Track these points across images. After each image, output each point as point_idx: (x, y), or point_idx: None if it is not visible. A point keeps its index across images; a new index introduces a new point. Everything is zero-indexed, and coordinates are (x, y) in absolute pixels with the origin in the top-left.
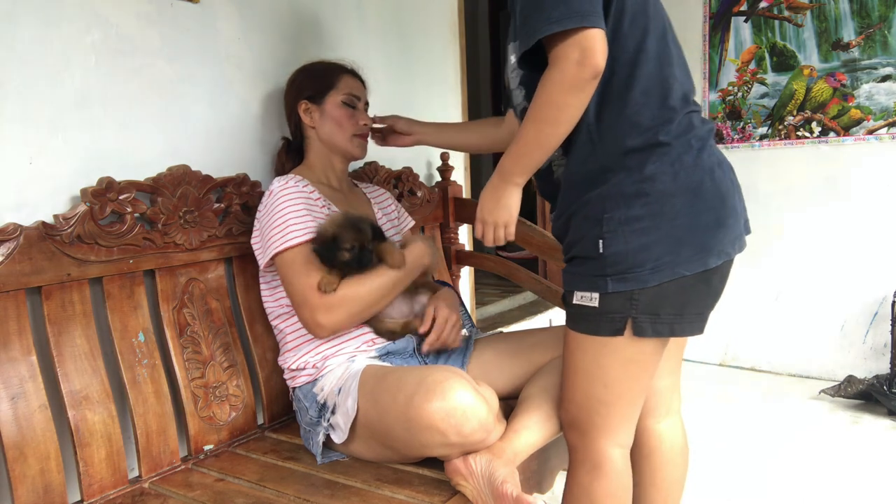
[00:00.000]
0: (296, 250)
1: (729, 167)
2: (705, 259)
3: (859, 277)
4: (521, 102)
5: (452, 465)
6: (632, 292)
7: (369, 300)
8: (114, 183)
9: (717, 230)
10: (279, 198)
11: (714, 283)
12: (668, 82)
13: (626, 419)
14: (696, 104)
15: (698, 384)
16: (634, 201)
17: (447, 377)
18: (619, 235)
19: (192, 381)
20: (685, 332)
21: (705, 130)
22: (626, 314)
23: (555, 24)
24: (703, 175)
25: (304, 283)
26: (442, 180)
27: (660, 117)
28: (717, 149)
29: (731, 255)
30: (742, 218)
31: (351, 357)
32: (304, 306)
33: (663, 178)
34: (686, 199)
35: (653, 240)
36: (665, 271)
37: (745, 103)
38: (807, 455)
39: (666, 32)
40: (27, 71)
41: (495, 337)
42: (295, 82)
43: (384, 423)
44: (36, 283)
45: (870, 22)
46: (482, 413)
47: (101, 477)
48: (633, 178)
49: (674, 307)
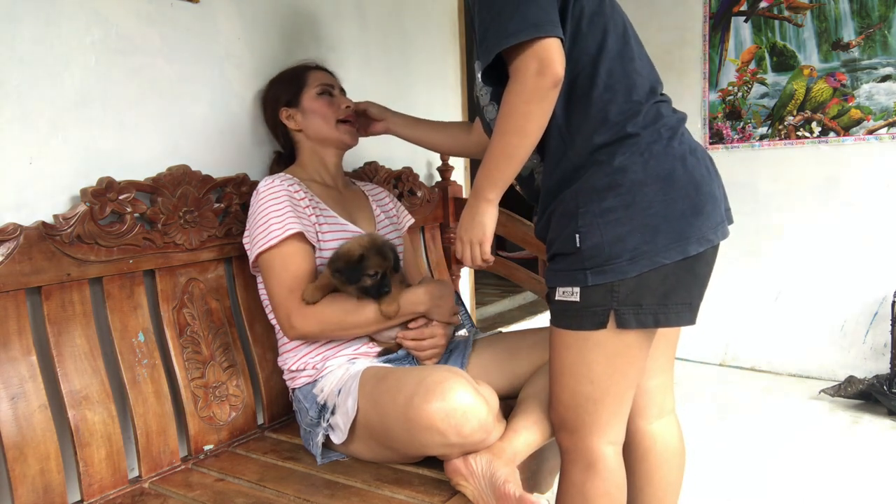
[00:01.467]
0: (275, 250)
1: (704, 154)
2: (684, 247)
3: (859, 277)
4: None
5: (453, 465)
6: (612, 284)
7: (345, 326)
8: (114, 183)
9: (693, 217)
10: (263, 198)
11: (698, 270)
12: (632, 77)
13: (615, 415)
14: (665, 96)
15: (698, 384)
16: (607, 193)
17: (447, 377)
18: (595, 228)
19: (192, 381)
20: (671, 322)
21: (675, 120)
22: (608, 306)
23: (511, 38)
24: (674, 163)
25: (282, 281)
26: (442, 180)
27: (626, 111)
28: (690, 137)
29: (714, 241)
30: (722, 205)
31: (351, 359)
32: (282, 307)
33: (634, 167)
34: (658, 188)
35: (628, 230)
36: (643, 261)
37: (745, 103)
38: (807, 455)
39: (626, 30)
40: (27, 71)
41: (495, 337)
42: (268, 96)
43: (384, 423)
44: (36, 283)
45: (870, 22)
46: (482, 413)
47: (101, 477)
48: (604, 171)
49: (656, 297)
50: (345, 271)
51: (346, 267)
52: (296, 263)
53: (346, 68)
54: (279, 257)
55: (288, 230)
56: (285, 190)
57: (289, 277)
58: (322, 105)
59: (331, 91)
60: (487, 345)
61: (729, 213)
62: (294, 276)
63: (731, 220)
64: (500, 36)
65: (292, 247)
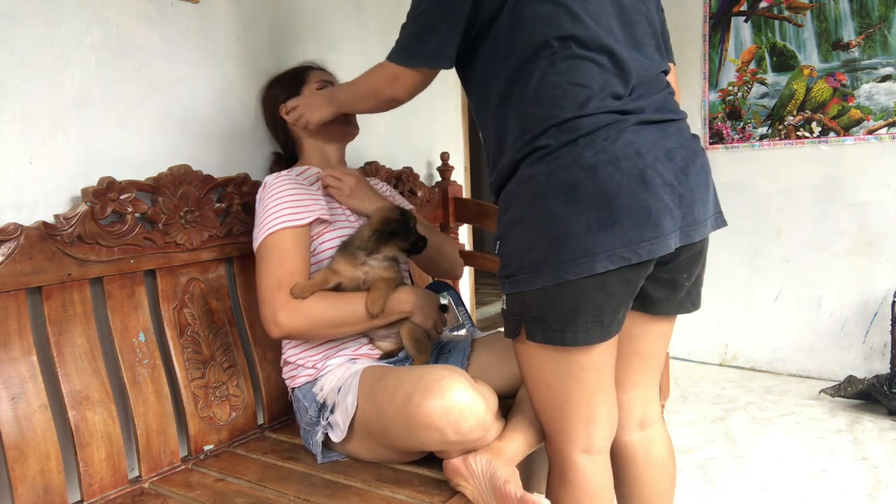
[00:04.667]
0: (275, 239)
1: (640, 163)
2: (591, 264)
3: (859, 277)
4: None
5: (452, 465)
6: (522, 294)
7: (332, 323)
8: (114, 183)
9: (602, 232)
10: (270, 191)
11: (612, 289)
12: (560, 91)
13: (582, 422)
14: (611, 105)
15: (698, 384)
16: (515, 203)
17: (445, 375)
18: (507, 237)
19: (192, 381)
20: (580, 342)
21: (605, 129)
22: (522, 317)
23: (403, 58)
24: (581, 173)
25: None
26: (442, 180)
27: (546, 124)
28: (622, 146)
29: (632, 259)
30: (666, 218)
31: (352, 359)
32: (268, 302)
33: (539, 178)
34: (560, 199)
35: (532, 241)
36: (546, 273)
37: (745, 103)
38: (807, 455)
39: (573, 39)
40: (27, 71)
41: (495, 337)
42: (268, 96)
43: (382, 422)
44: (36, 283)
45: (870, 22)
46: (480, 411)
47: (101, 477)
48: (517, 181)
49: (563, 314)
50: (400, 229)
51: (399, 225)
52: (290, 260)
53: (346, 68)
54: (275, 251)
55: (301, 219)
56: (292, 180)
57: (281, 272)
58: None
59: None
60: (487, 345)
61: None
62: (287, 272)
63: (722, 223)
64: (400, 48)
65: (291, 241)
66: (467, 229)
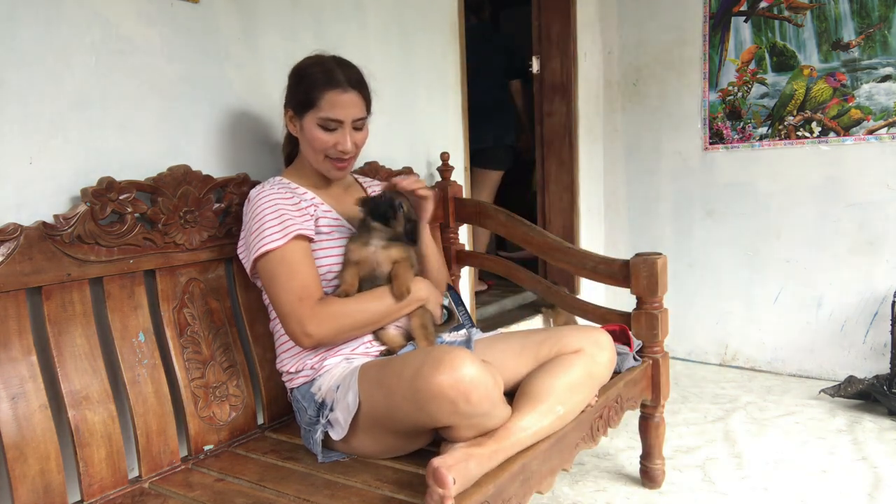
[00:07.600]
0: (275, 255)
1: None
2: None
3: (859, 277)
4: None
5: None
6: None
7: (360, 320)
8: (114, 183)
9: None
10: (256, 205)
11: None
12: None
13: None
14: None
15: (698, 384)
16: None
17: (454, 350)
18: None
19: (192, 381)
20: None
21: None
22: None
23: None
24: None
25: (290, 289)
26: (442, 180)
27: None
28: None
29: None
30: None
31: (348, 358)
32: (292, 317)
33: None
34: None
35: None
36: None
37: (745, 103)
38: (807, 455)
39: None
40: (27, 71)
41: (495, 337)
42: (289, 83)
43: (390, 403)
44: (36, 283)
45: (870, 22)
46: (489, 383)
47: (101, 477)
48: None
49: None
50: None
51: (376, 204)
52: (302, 272)
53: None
54: (284, 265)
55: (289, 234)
56: (276, 193)
57: (297, 286)
58: (317, 136)
59: (334, 127)
60: (487, 345)
61: None
62: (303, 285)
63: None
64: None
65: (297, 253)
66: (467, 229)
